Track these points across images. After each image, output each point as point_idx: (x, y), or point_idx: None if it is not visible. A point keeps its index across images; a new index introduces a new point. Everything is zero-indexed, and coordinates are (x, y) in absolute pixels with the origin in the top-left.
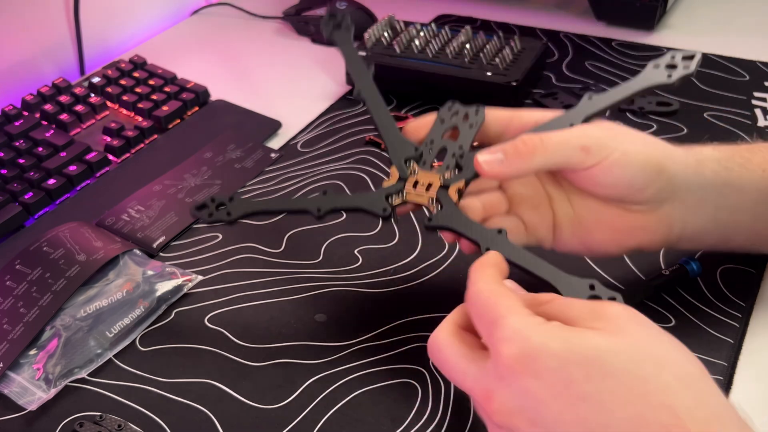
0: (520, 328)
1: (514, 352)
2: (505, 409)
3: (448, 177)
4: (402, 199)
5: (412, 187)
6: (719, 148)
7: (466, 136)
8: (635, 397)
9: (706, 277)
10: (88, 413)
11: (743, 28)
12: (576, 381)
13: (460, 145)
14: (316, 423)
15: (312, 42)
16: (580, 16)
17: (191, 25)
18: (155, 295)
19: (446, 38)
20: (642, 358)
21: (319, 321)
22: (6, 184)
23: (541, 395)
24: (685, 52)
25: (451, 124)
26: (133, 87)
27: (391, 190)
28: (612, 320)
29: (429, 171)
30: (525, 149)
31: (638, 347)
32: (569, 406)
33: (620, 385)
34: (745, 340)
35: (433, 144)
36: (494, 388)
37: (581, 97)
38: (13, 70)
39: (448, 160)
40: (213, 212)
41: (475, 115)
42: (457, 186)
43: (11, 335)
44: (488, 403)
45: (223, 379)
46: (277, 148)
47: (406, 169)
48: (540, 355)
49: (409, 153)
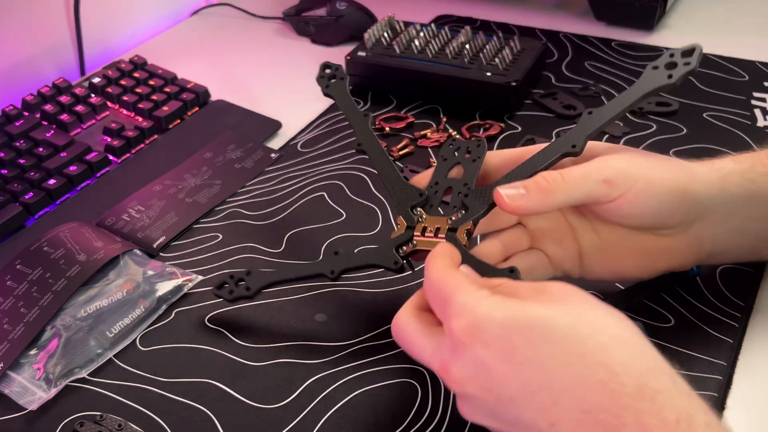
0: (467, 302)
1: (463, 324)
2: (459, 378)
3: (456, 219)
4: (412, 248)
5: (421, 234)
6: (739, 158)
7: (471, 172)
8: (573, 358)
9: (706, 277)
10: (89, 413)
11: (743, 28)
12: (518, 346)
13: (465, 183)
14: (316, 423)
15: (312, 42)
16: (579, 16)
17: (191, 26)
18: (155, 295)
19: (446, 38)
20: (579, 321)
21: (319, 321)
22: (6, 184)
23: (489, 362)
24: (683, 48)
25: (454, 161)
26: (133, 87)
27: (401, 240)
28: (552, 293)
29: (436, 215)
30: (546, 186)
31: (575, 313)
32: (514, 370)
33: (559, 347)
34: (745, 340)
35: (438, 185)
36: (449, 359)
37: (580, 98)
38: (13, 70)
39: (455, 200)
40: (233, 289)
41: (477, 147)
42: (466, 227)
43: (12, 335)
44: (446, 374)
45: (223, 378)
46: (277, 148)
47: (414, 216)
48: (485, 325)
49: (414, 200)
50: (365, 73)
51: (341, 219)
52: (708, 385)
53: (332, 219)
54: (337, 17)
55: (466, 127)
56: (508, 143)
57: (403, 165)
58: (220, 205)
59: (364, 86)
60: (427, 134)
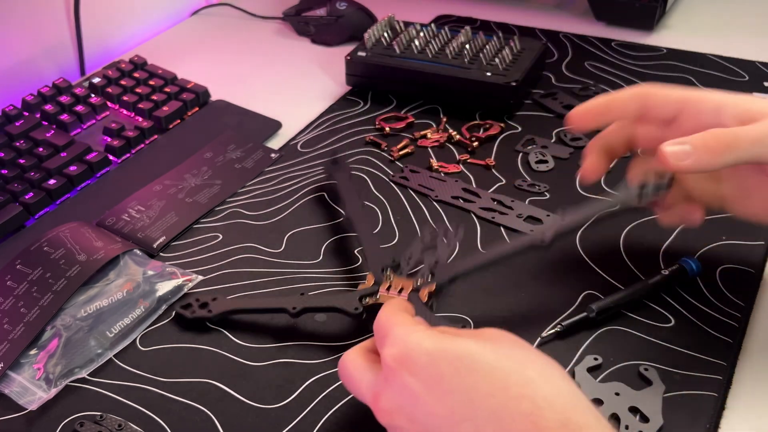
0: (402, 333)
1: (395, 352)
2: (387, 407)
3: (421, 282)
4: (375, 300)
5: (385, 291)
6: None
7: (443, 252)
8: (498, 390)
9: (706, 277)
10: (89, 413)
11: (743, 28)
12: (445, 375)
13: (436, 260)
14: (316, 423)
15: (312, 42)
16: (579, 16)
17: (191, 26)
18: (155, 295)
19: (446, 38)
20: (506, 356)
21: (319, 321)
22: (6, 184)
23: (416, 390)
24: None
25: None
26: (133, 87)
27: (366, 292)
28: (485, 333)
29: (403, 278)
30: (716, 145)
31: (504, 349)
32: (439, 400)
33: (484, 379)
34: (745, 340)
35: (411, 258)
36: (380, 389)
37: (580, 98)
38: (13, 70)
39: (424, 271)
40: (196, 310)
41: (455, 235)
42: (428, 289)
43: (12, 335)
44: (376, 405)
45: (223, 378)
46: (277, 148)
47: (382, 275)
48: (415, 353)
49: (386, 262)
50: (365, 73)
51: (341, 219)
52: (708, 385)
53: (332, 219)
54: (337, 17)
55: (465, 127)
56: (508, 143)
57: (403, 165)
58: (220, 205)
59: (364, 86)
60: (427, 134)
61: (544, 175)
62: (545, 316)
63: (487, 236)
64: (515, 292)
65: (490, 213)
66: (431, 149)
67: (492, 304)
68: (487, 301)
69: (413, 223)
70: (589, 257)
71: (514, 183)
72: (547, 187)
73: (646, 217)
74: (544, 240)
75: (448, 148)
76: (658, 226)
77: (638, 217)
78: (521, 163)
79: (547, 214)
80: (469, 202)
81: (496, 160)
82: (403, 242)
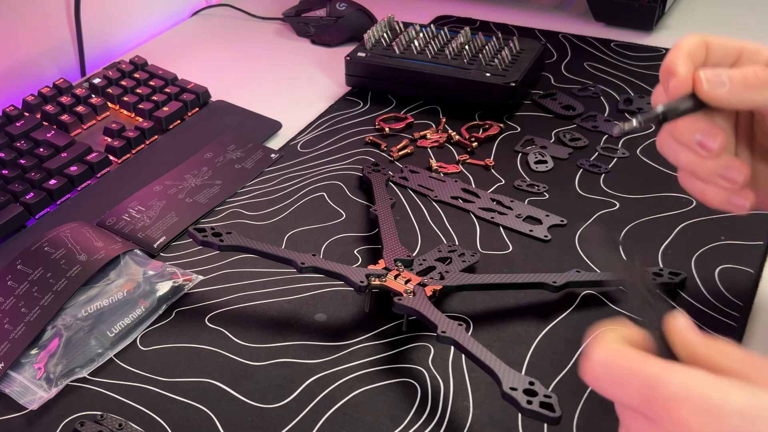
0: (691, 384)
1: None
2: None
3: (429, 281)
4: (380, 282)
5: (393, 278)
6: None
7: (456, 265)
8: None
9: (706, 277)
10: (89, 412)
11: (743, 28)
12: None
13: (447, 270)
14: (316, 422)
15: (312, 43)
16: (578, 17)
17: (191, 26)
18: (156, 295)
19: (445, 39)
20: None
21: (319, 321)
22: (7, 184)
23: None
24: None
25: (447, 256)
26: (133, 88)
27: (374, 272)
28: None
29: (412, 273)
30: (755, 80)
31: None
32: None
33: None
34: (745, 340)
35: (425, 261)
36: None
37: (579, 98)
38: (13, 70)
39: (434, 275)
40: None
41: (471, 256)
42: (434, 287)
43: (12, 335)
44: None
45: (223, 378)
46: (277, 148)
47: (393, 264)
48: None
49: (401, 256)
50: (365, 74)
51: (341, 219)
52: None
53: (332, 219)
54: (337, 18)
55: (465, 127)
56: (507, 143)
57: (402, 165)
58: (221, 205)
59: (363, 87)
60: (426, 135)
61: (543, 175)
62: (545, 315)
63: (487, 236)
64: (515, 291)
65: (489, 213)
66: (431, 149)
67: (492, 304)
68: (487, 301)
69: (413, 223)
70: (589, 257)
71: (513, 183)
72: (546, 187)
73: (646, 217)
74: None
75: (448, 149)
76: (658, 226)
77: (638, 216)
78: (520, 164)
79: (546, 214)
80: (469, 203)
81: (495, 160)
82: (403, 242)
